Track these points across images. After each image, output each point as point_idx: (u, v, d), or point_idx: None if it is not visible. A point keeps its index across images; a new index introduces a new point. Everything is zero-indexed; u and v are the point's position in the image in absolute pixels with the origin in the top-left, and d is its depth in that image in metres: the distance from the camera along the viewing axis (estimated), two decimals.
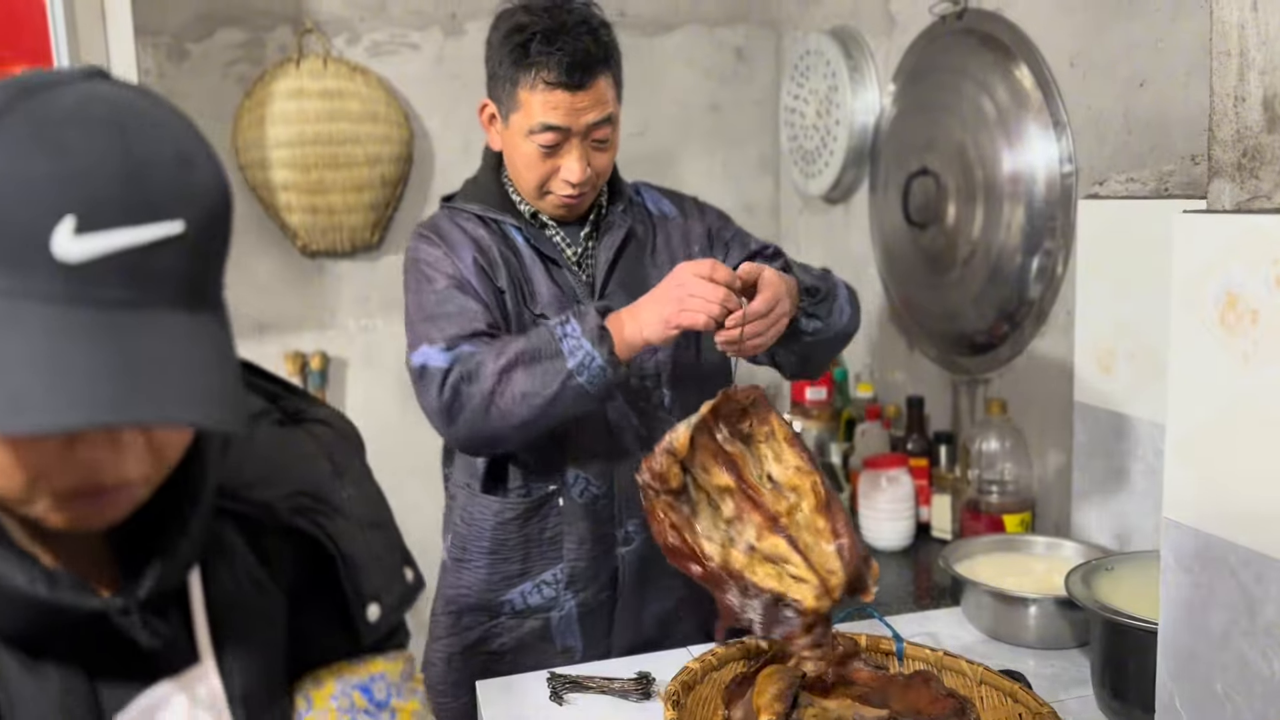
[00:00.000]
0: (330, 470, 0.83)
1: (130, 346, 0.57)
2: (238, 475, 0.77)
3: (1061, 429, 1.87)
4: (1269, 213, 0.93)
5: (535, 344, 1.40)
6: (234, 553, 0.78)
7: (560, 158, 1.50)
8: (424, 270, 1.54)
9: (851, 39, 2.46)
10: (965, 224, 2.04)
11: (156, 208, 0.58)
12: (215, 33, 2.53)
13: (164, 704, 0.72)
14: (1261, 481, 0.94)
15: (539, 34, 1.44)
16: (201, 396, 0.59)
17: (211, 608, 0.75)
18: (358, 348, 2.72)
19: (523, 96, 1.47)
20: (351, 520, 0.83)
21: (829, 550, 1.23)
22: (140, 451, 0.64)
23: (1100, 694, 1.34)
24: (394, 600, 0.85)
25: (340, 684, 0.83)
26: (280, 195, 2.50)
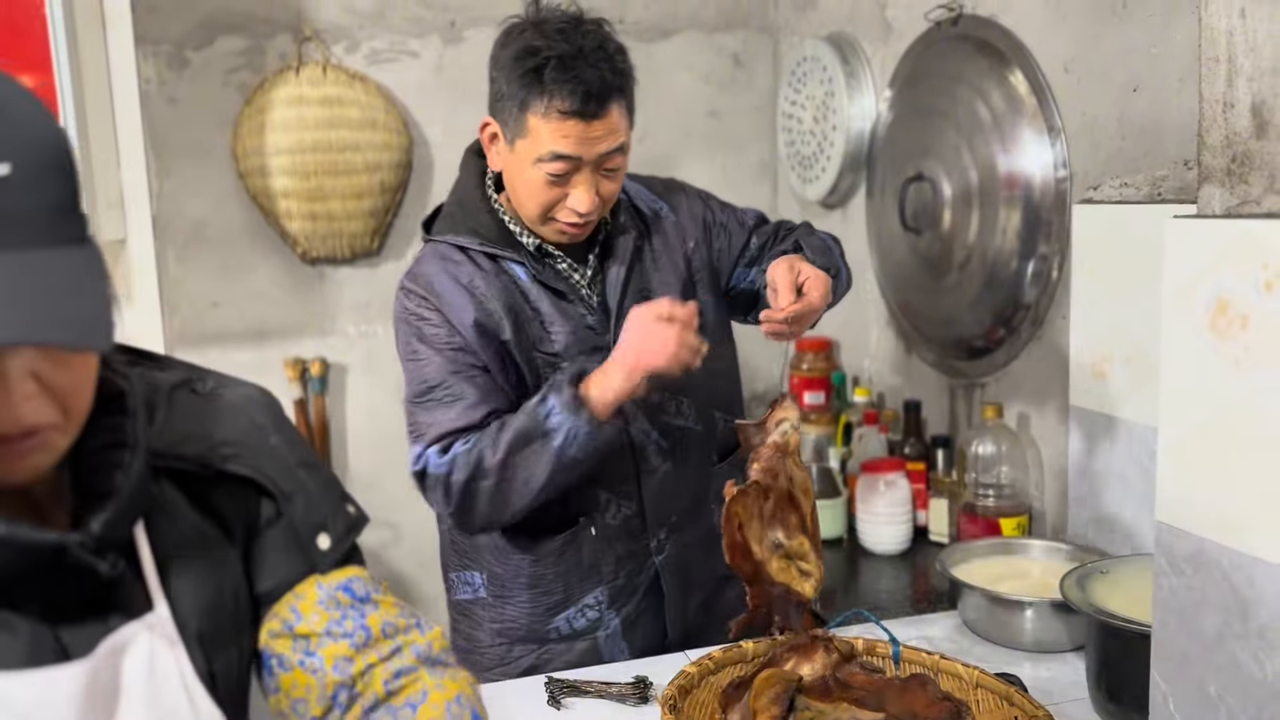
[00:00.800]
0: (251, 423, 0.88)
1: None
2: (166, 436, 0.82)
3: (1057, 433, 1.87)
4: (1258, 218, 0.94)
5: (524, 427, 1.39)
6: (174, 506, 0.83)
7: (568, 186, 1.43)
8: (415, 341, 1.48)
9: (848, 45, 2.48)
10: (961, 229, 2.05)
11: None
12: (215, 41, 2.54)
13: (129, 644, 0.77)
14: (1253, 485, 0.94)
15: (553, 60, 1.36)
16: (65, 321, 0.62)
17: (159, 558, 0.80)
18: (358, 354, 2.72)
19: (532, 123, 1.39)
20: (282, 460, 0.88)
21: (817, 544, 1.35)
22: (36, 398, 0.67)
23: (1095, 697, 1.35)
24: (341, 529, 0.90)
25: (322, 590, 0.89)
26: (280, 202, 2.51)
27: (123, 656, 0.76)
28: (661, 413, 1.56)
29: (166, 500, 0.83)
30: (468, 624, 1.62)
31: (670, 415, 1.57)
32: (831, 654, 1.35)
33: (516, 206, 1.50)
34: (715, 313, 1.62)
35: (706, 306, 1.59)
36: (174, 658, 0.79)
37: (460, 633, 1.65)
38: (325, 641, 0.87)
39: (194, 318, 2.58)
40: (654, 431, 1.55)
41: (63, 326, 0.62)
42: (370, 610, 0.90)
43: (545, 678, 1.47)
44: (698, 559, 1.61)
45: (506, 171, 1.48)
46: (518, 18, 1.45)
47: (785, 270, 1.40)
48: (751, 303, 1.65)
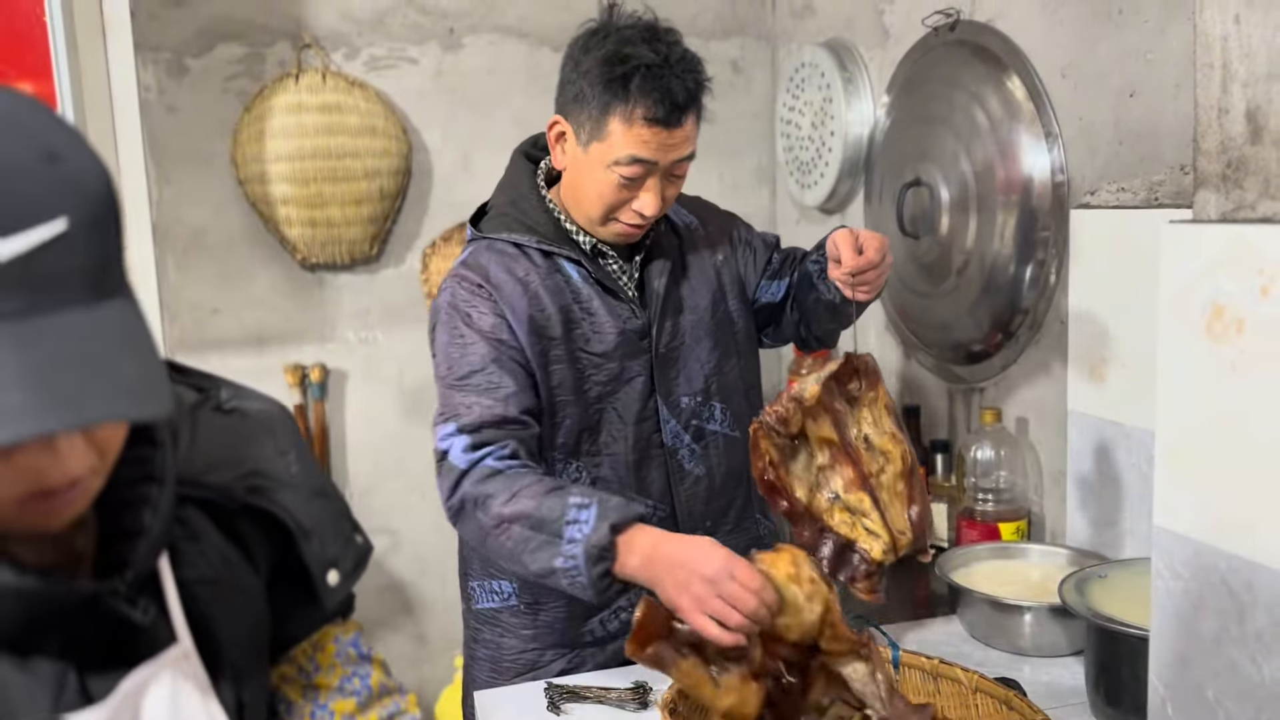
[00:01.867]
0: (274, 448, 0.86)
1: (34, 355, 0.55)
2: (192, 463, 0.80)
3: (1056, 437, 1.88)
4: (1254, 223, 0.94)
5: (543, 513, 1.33)
6: (202, 535, 0.80)
7: (638, 189, 1.46)
8: (462, 325, 1.48)
9: (846, 51, 2.48)
10: (959, 234, 2.05)
11: (29, 211, 0.56)
12: (215, 48, 2.55)
13: (149, 684, 0.74)
14: (1249, 489, 0.95)
15: (641, 68, 1.39)
16: (118, 389, 0.58)
17: (184, 588, 0.77)
18: (357, 360, 2.73)
19: (613, 127, 1.42)
20: (300, 492, 0.86)
21: (904, 513, 1.40)
22: (80, 449, 0.64)
23: (1094, 700, 1.35)
24: (350, 565, 0.89)
25: (338, 643, 0.91)
26: (279, 209, 2.52)
27: (143, 696, 0.73)
28: (695, 417, 1.58)
29: (193, 526, 0.80)
30: (494, 632, 1.61)
31: (703, 420, 1.59)
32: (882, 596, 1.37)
33: (577, 205, 1.52)
34: (745, 323, 1.67)
35: (737, 315, 1.65)
36: (198, 692, 0.76)
37: (483, 642, 1.63)
38: (336, 696, 0.90)
39: (194, 325, 2.58)
40: (686, 435, 1.58)
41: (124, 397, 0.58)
42: (370, 668, 0.94)
43: (545, 683, 1.47)
44: None
45: (573, 170, 1.50)
46: (594, 22, 1.48)
47: (845, 234, 1.45)
48: (774, 316, 1.71)
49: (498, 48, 2.73)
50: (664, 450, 1.57)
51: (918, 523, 1.42)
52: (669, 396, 1.56)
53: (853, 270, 1.43)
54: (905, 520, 1.42)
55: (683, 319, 1.59)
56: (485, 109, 2.73)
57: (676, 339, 1.58)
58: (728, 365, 1.62)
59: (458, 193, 2.72)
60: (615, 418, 1.54)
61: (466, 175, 2.73)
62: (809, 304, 1.63)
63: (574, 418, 1.52)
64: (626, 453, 1.55)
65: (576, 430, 1.53)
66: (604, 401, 1.53)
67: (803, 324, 1.68)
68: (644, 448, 1.55)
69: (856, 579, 1.40)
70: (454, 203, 2.71)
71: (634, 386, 1.54)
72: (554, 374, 1.50)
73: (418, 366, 2.78)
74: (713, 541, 1.27)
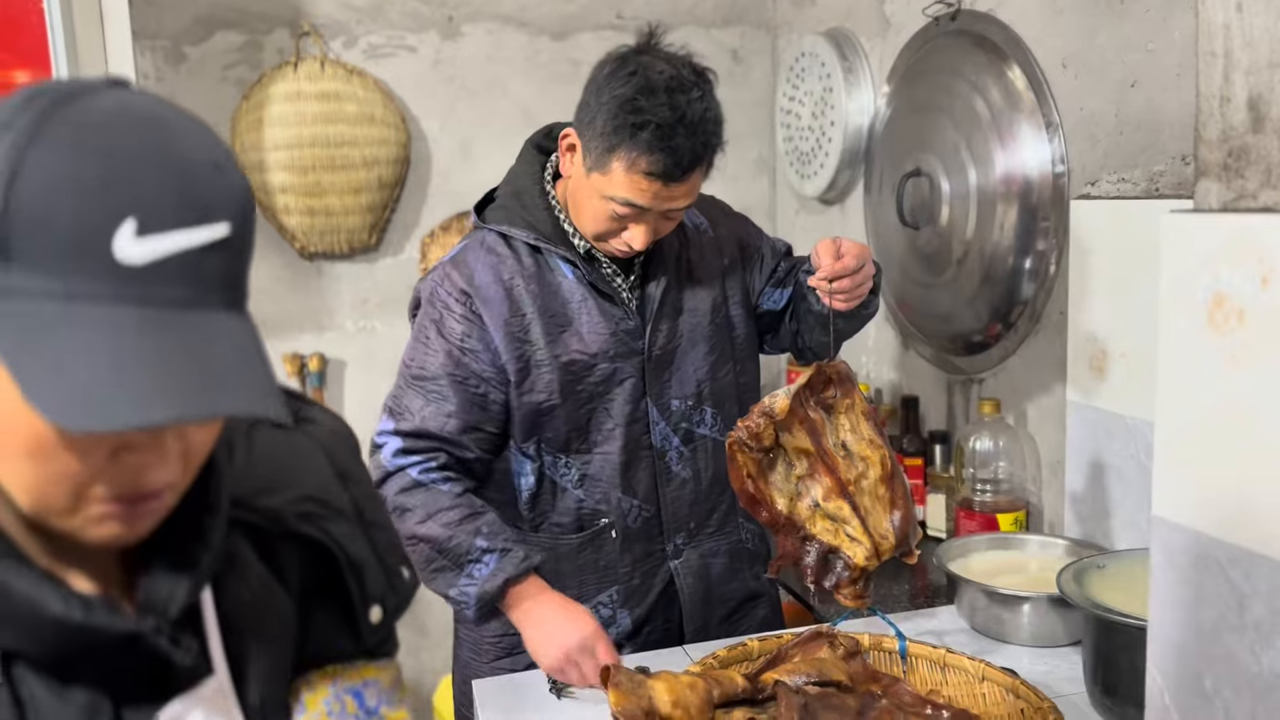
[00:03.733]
0: (331, 472, 0.83)
1: (195, 344, 0.58)
2: (244, 482, 0.77)
3: (1055, 428, 1.88)
4: (1255, 212, 0.94)
5: (451, 546, 1.45)
6: (245, 562, 0.78)
7: (629, 224, 1.47)
8: (432, 325, 1.51)
9: (846, 41, 2.48)
10: (959, 225, 2.05)
11: (206, 210, 0.59)
12: (213, 36, 2.54)
13: (184, 716, 0.71)
14: (1249, 479, 0.94)
15: (653, 124, 1.38)
16: (261, 390, 0.61)
17: (224, 618, 0.75)
18: (356, 349, 2.72)
19: (615, 167, 1.41)
20: (354, 522, 0.83)
21: (886, 518, 1.42)
22: (177, 457, 0.64)
23: (1092, 691, 1.35)
24: (395, 602, 0.85)
25: (333, 688, 0.83)
26: (278, 197, 2.51)
27: None
28: (685, 421, 1.58)
29: (238, 555, 0.77)
30: None
31: (693, 424, 1.59)
32: (837, 649, 1.36)
33: (575, 217, 1.53)
34: (746, 328, 1.67)
35: (738, 321, 1.65)
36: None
37: (465, 623, 1.66)
38: None
39: None
40: (675, 438, 1.58)
41: (266, 397, 0.61)
42: None
43: None
44: (719, 569, 1.64)
45: (574, 186, 1.51)
46: (628, 48, 1.46)
47: (826, 241, 1.47)
48: (775, 324, 1.71)
49: (497, 36, 2.72)
50: (652, 451, 1.57)
51: (900, 527, 1.43)
52: (660, 399, 1.56)
53: (828, 275, 1.44)
54: (887, 525, 1.42)
55: (681, 321, 1.58)
56: (484, 98, 2.72)
57: (673, 341, 1.57)
58: (722, 371, 1.62)
59: (457, 182, 2.71)
60: (606, 418, 1.54)
61: (466, 164, 2.72)
62: (802, 314, 1.64)
63: (563, 418, 1.53)
64: (616, 452, 1.55)
65: (566, 430, 1.53)
66: (595, 402, 1.54)
67: (799, 335, 1.69)
68: (633, 448, 1.56)
69: (841, 585, 1.41)
70: (453, 192, 2.71)
71: (625, 388, 1.54)
72: (539, 379, 1.51)
73: None
74: (586, 614, 1.44)
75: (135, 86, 0.64)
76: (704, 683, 1.24)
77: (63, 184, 0.56)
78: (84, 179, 0.57)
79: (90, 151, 0.57)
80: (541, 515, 1.57)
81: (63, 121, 0.58)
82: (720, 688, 1.25)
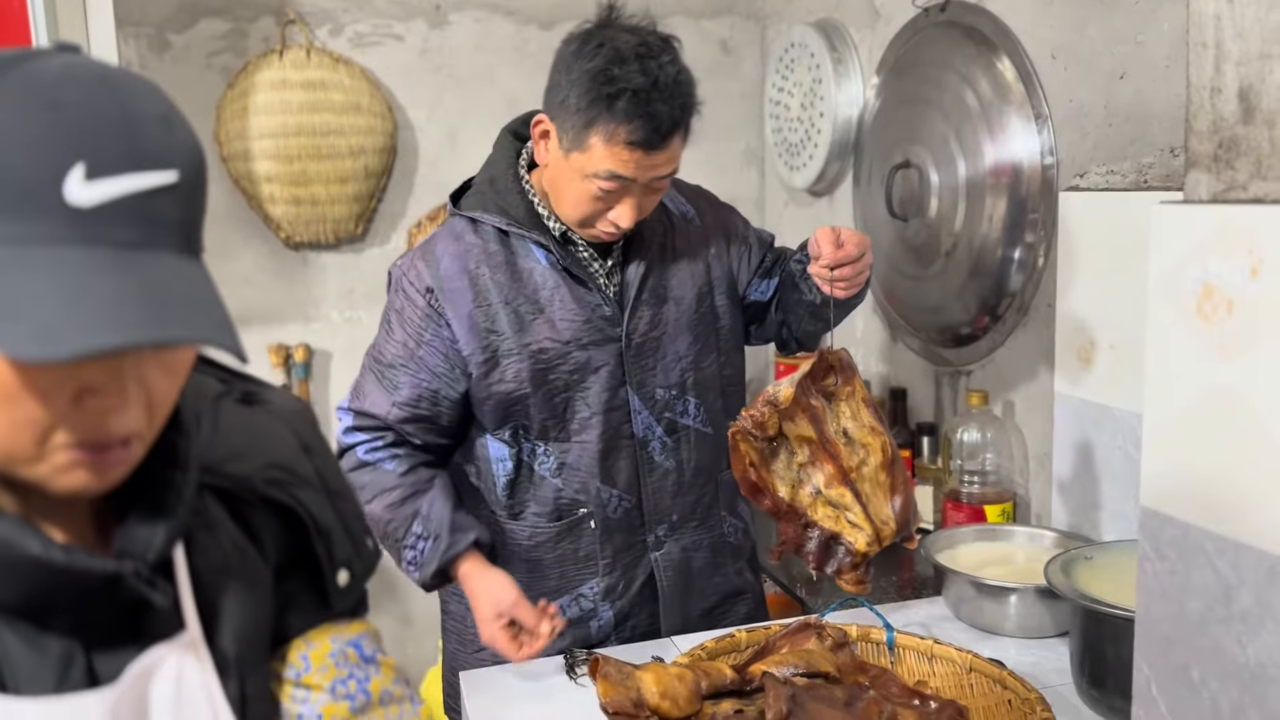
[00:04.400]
0: (296, 444, 0.86)
1: (148, 279, 0.62)
2: (212, 451, 0.80)
3: (1043, 420, 1.88)
4: (1245, 203, 0.94)
5: (389, 530, 1.51)
6: (217, 523, 0.80)
7: (615, 201, 1.45)
8: (394, 314, 1.54)
9: (835, 31, 2.47)
10: (948, 216, 2.05)
11: (153, 157, 0.63)
12: (197, 23, 2.52)
13: (156, 669, 0.74)
14: (1237, 470, 0.94)
15: (629, 91, 1.36)
16: (215, 321, 0.64)
17: (197, 575, 0.77)
18: (341, 340, 2.71)
19: (594, 142, 1.39)
20: (319, 490, 0.86)
21: (887, 504, 1.43)
22: (141, 405, 0.67)
23: (1079, 682, 1.35)
24: (362, 567, 0.89)
25: (335, 642, 0.88)
26: (263, 186, 2.50)
27: (150, 680, 0.73)
28: (667, 410, 1.57)
29: (210, 515, 0.80)
30: (460, 605, 1.62)
31: (676, 414, 1.58)
32: (825, 641, 1.36)
33: (555, 205, 1.51)
34: (731, 319, 1.66)
35: (723, 311, 1.64)
36: (202, 681, 0.76)
37: (451, 614, 1.66)
38: (325, 698, 0.86)
39: None
40: (659, 428, 1.57)
41: (221, 330, 0.63)
42: (373, 673, 0.89)
43: (565, 650, 1.49)
44: (703, 565, 1.63)
45: (553, 172, 1.48)
46: (590, 23, 1.44)
47: (826, 230, 1.47)
48: (760, 315, 1.70)
49: (484, 25, 2.70)
50: (634, 441, 1.56)
51: (900, 512, 1.44)
52: (642, 387, 1.55)
53: (830, 264, 1.44)
54: (888, 511, 1.44)
55: (665, 310, 1.57)
56: (472, 87, 2.71)
57: (656, 329, 1.56)
58: (706, 361, 1.60)
59: (444, 171, 2.70)
60: (583, 406, 1.53)
61: (453, 154, 2.71)
62: (791, 304, 1.63)
63: (536, 406, 1.52)
64: (594, 440, 1.54)
65: (541, 418, 1.53)
66: (571, 391, 1.52)
67: (785, 325, 1.68)
68: (612, 437, 1.54)
69: (843, 571, 1.43)
70: (440, 181, 2.69)
71: (601, 376, 1.53)
72: (507, 370, 1.50)
73: None
74: (503, 584, 1.47)
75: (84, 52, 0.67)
76: (692, 674, 1.24)
77: (13, 136, 0.60)
78: (33, 130, 0.60)
79: (40, 106, 0.60)
80: (520, 504, 1.56)
81: (13, 81, 0.61)
82: (708, 679, 1.25)
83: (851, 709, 1.24)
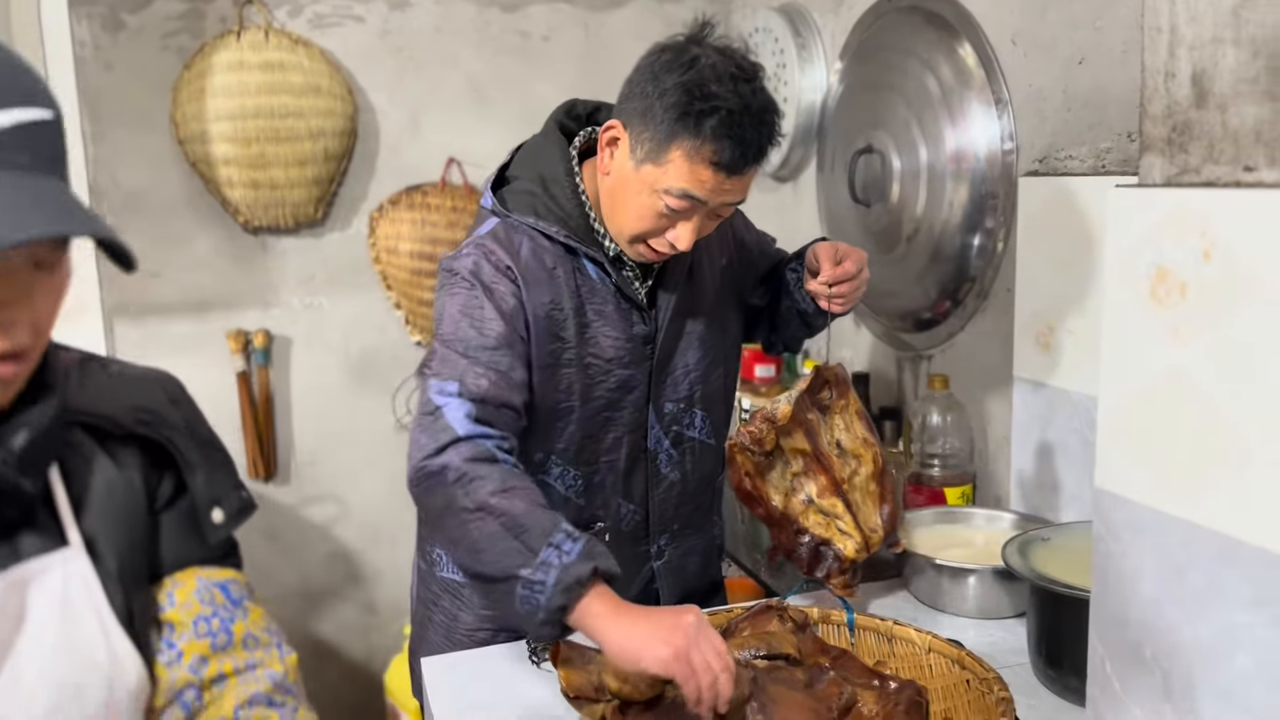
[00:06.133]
0: (164, 396, 0.92)
1: (44, 192, 0.72)
2: (79, 398, 0.86)
3: (1002, 403, 1.90)
4: (1197, 187, 0.94)
5: (529, 522, 1.23)
6: (91, 456, 0.86)
7: (678, 221, 1.39)
8: (484, 297, 1.39)
9: (799, 16, 2.47)
10: (909, 202, 2.05)
11: (34, 97, 0.74)
12: (153, 3, 2.47)
13: (39, 575, 0.80)
14: (1189, 451, 0.96)
15: (724, 111, 1.31)
16: (98, 223, 0.73)
17: (75, 499, 0.84)
18: (302, 326, 2.68)
19: (674, 157, 1.33)
20: (188, 435, 0.91)
21: (876, 512, 1.51)
22: (27, 323, 0.75)
23: (1036, 662, 1.37)
24: (233, 509, 0.93)
25: (201, 582, 0.91)
26: (221, 170, 2.46)
27: (29, 587, 0.79)
28: (675, 423, 1.56)
29: (84, 450, 0.86)
30: (453, 603, 1.58)
31: (683, 427, 1.57)
32: (786, 623, 1.36)
33: (611, 215, 1.44)
34: (736, 329, 1.66)
35: (730, 321, 1.63)
36: (88, 592, 0.82)
37: (440, 609, 1.59)
38: (187, 635, 0.89)
39: (133, 289, 2.52)
40: (666, 440, 1.56)
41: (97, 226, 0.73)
42: (239, 616, 0.92)
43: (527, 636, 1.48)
44: (695, 565, 1.65)
45: (617, 182, 1.41)
46: (683, 37, 1.38)
47: (826, 246, 1.49)
48: (755, 318, 1.71)
49: (445, 7, 2.68)
50: (646, 455, 1.54)
51: (888, 520, 1.52)
52: (657, 401, 1.53)
53: (829, 280, 1.45)
54: (877, 519, 1.51)
55: (685, 325, 1.55)
56: (433, 69, 2.68)
57: (676, 344, 1.54)
58: (714, 374, 1.59)
59: (405, 155, 2.67)
60: (615, 426, 1.50)
61: (415, 137, 2.68)
62: (783, 310, 1.64)
63: (578, 424, 1.47)
64: (621, 460, 1.52)
65: (580, 436, 1.48)
66: (609, 411, 1.49)
67: (775, 330, 1.69)
68: (634, 454, 1.53)
69: (832, 575, 1.48)
70: (401, 165, 2.67)
71: (634, 397, 1.50)
72: (563, 377, 1.45)
73: (364, 333, 2.74)
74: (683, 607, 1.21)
75: None
76: None
77: None
78: None
79: None
80: None
81: None
82: None
83: (812, 690, 1.25)
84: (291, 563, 2.77)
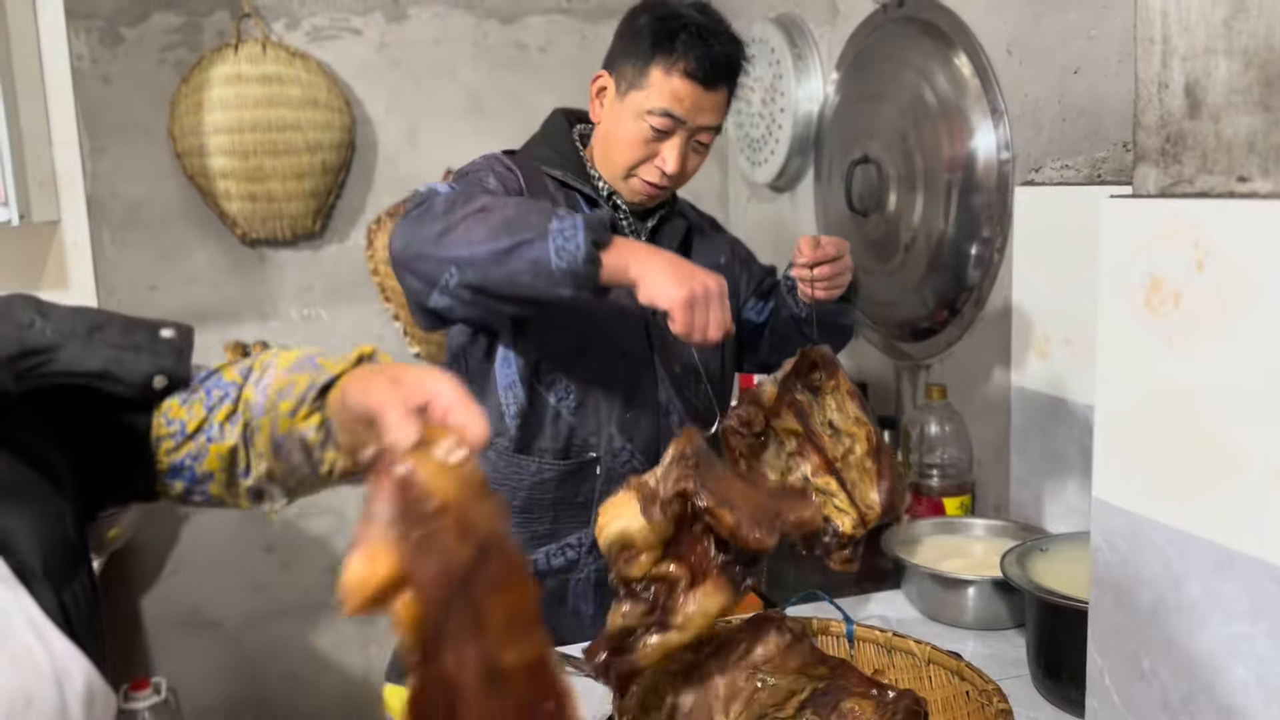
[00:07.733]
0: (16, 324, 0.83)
1: None
2: None
3: (1000, 413, 1.89)
4: (1191, 197, 0.95)
5: (534, 206, 1.35)
6: None
7: (663, 145, 1.53)
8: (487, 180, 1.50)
9: (795, 27, 2.47)
10: (906, 211, 2.06)
11: None
12: (150, 16, 2.48)
13: None
14: (1185, 461, 0.96)
15: (691, 26, 1.50)
16: None
17: None
18: (300, 338, 2.68)
19: (654, 77, 1.50)
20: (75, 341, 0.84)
21: (873, 489, 1.49)
22: None
23: (1035, 672, 1.37)
24: (170, 362, 0.90)
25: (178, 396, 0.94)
26: (219, 183, 2.46)
27: None
28: (688, 389, 1.63)
29: None
30: None
31: (692, 394, 1.64)
32: (784, 634, 1.36)
33: (606, 156, 1.58)
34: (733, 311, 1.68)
35: None
36: (14, 597, 0.76)
37: None
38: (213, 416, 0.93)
39: (131, 301, 2.52)
40: (678, 402, 1.62)
41: None
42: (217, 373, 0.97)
43: None
44: None
45: (608, 121, 1.57)
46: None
47: (807, 236, 1.56)
48: (755, 338, 1.75)
49: (443, 19, 2.68)
50: (658, 407, 1.60)
51: (886, 496, 1.51)
52: (663, 352, 1.59)
53: (809, 262, 1.49)
54: (874, 496, 1.50)
55: None
56: (431, 82, 2.69)
57: None
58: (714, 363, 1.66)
59: (403, 167, 2.67)
60: (609, 343, 1.56)
61: (412, 149, 2.68)
62: (780, 322, 1.68)
63: (564, 324, 1.52)
64: (617, 388, 1.57)
65: (566, 340, 1.54)
66: (599, 324, 1.55)
67: (775, 348, 1.72)
68: (634, 389, 1.58)
69: (830, 551, 1.47)
70: (399, 178, 2.67)
71: (626, 321, 1.56)
72: None
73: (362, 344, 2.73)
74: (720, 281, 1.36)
75: None
76: None
77: None
78: None
79: None
80: (529, 436, 1.57)
81: None
82: None
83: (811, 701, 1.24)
84: (289, 575, 2.76)
